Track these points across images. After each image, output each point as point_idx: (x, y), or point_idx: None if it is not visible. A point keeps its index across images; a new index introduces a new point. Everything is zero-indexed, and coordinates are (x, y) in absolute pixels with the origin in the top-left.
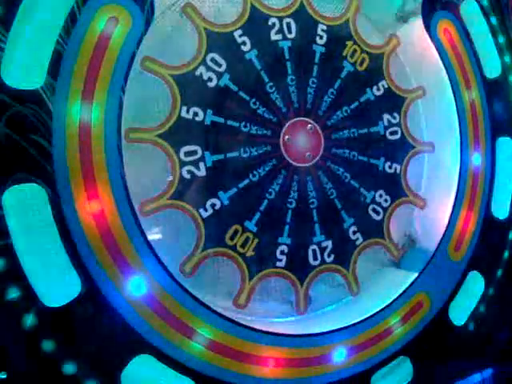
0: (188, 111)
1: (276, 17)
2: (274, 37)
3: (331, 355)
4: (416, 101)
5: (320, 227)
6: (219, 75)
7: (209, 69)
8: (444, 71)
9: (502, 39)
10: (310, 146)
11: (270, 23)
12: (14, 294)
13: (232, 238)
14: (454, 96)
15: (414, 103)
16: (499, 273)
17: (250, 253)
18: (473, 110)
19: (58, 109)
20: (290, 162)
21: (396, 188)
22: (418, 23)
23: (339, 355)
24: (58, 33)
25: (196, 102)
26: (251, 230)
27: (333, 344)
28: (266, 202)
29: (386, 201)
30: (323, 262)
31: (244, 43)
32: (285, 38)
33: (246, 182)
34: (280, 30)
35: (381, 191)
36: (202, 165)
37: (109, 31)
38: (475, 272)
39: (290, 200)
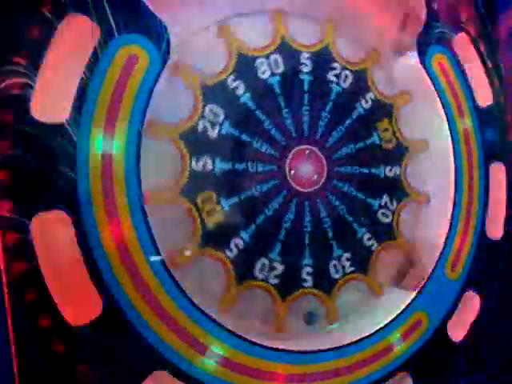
0: (197, 162)
1: (262, 56)
2: (263, 75)
3: (336, 371)
4: (406, 108)
5: (337, 242)
6: (220, 124)
7: (209, 120)
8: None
9: (492, 70)
10: (315, 170)
11: (257, 63)
12: (44, 319)
13: (261, 270)
14: (448, 124)
15: (404, 113)
16: (495, 291)
17: (279, 280)
18: (466, 136)
19: (81, 141)
20: (299, 189)
21: (399, 189)
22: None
23: (339, 372)
24: (82, 71)
25: (203, 152)
26: (276, 259)
27: (337, 360)
28: (284, 231)
29: (392, 203)
30: (345, 273)
31: (237, 87)
32: (273, 74)
33: (262, 217)
34: (268, 68)
35: (385, 196)
36: (219, 209)
37: (128, 69)
38: (472, 290)
39: (305, 224)
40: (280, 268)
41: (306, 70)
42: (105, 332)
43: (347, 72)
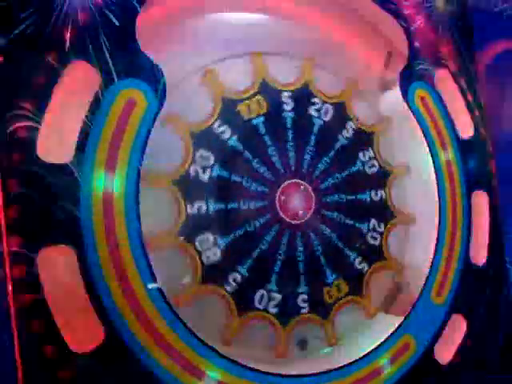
0: (193, 207)
1: (244, 99)
2: (247, 117)
3: None
4: (385, 133)
5: (330, 268)
6: (211, 168)
7: (200, 165)
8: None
9: (472, 103)
10: (304, 202)
11: (240, 107)
12: (49, 347)
13: (260, 301)
14: (432, 155)
15: (385, 140)
16: (480, 315)
17: (277, 309)
18: (449, 167)
19: (84, 180)
20: (290, 221)
21: (385, 212)
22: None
23: None
24: (85, 114)
25: (197, 197)
26: (273, 289)
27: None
28: (279, 262)
29: (379, 227)
30: (339, 297)
31: (224, 132)
32: (257, 115)
33: (257, 251)
34: (251, 110)
35: (373, 220)
36: (217, 249)
37: (127, 112)
38: (458, 314)
39: (298, 254)
40: (278, 298)
41: (287, 108)
42: (106, 358)
43: (327, 106)
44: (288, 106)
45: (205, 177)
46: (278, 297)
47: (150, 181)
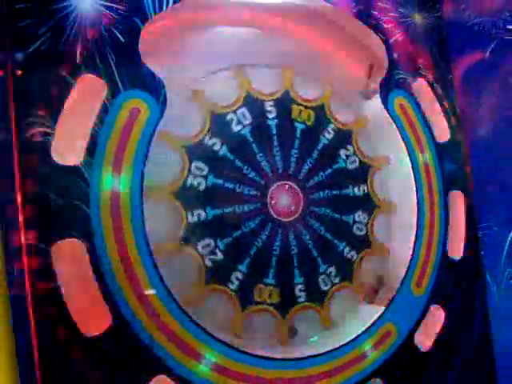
0: (193, 215)
1: (231, 112)
2: (235, 128)
3: (313, 377)
4: (363, 130)
5: (321, 258)
6: (205, 177)
7: (196, 176)
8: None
9: (448, 110)
10: (293, 201)
11: (227, 119)
12: (62, 331)
13: (260, 295)
14: (410, 158)
15: (361, 135)
16: (457, 305)
17: (276, 300)
18: (426, 169)
19: (94, 180)
20: (282, 220)
21: (369, 203)
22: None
23: (321, 377)
24: (94, 121)
25: (196, 205)
26: (271, 283)
27: (315, 367)
28: (274, 258)
29: (364, 218)
30: (333, 284)
31: (215, 144)
32: (243, 127)
33: (254, 249)
34: (238, 122)
35: (359, 211)
36: (217, 251)
37: (132, 119)
38: (436, 305)
39: (292, 248)
40: (276, 290)
41: (271, 116)
42: (113, 341)
43: (309, 110)
44: (271, 114)
45: (201, 186)
46: (276, 289)
47: (151, 195)
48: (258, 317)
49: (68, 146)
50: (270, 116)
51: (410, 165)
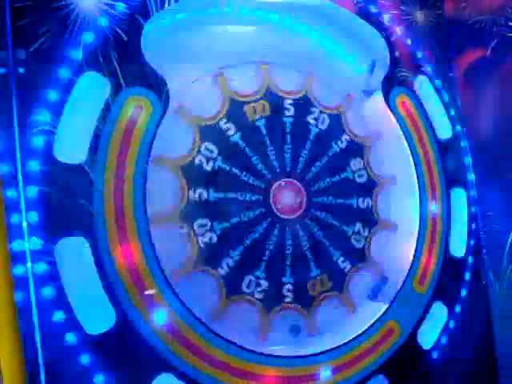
0: (194, 193)
1: (250, 102)
2: (251, 118)
3: (319, 373)
4: (375, 146)
5: (315, 264)
6: (214, 159)
7: (205, 156)
8: (402, 135)
9: (449, 107)
10: (295, 200)
11: (245, 108)
12: (59, 316)
13: (248, 286)
14: (412, 156)
15: (374, 150)
16: (459, 303)
17: (263, 295)
18: (428, 164)
19: (97, 178)
20: (281, 216)
21: (370, 218)
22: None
23: (326, 373)
24: (97, 119)
25: (199, 184)
26: (261, 276)
27: (320, 364)
28: (268, 252)
29: (364, 230)
30: (322, 291)
31: (229, 129)
32: (260, 117)
33: (249, 240)
34: (255, 112)
35: (358, 224)
36: (212, 233)
37: (135, 116)
38: (438, 302)
39: (287, 247)
40: (264, 284)
41: (288, 113)
42: (118, 340)
43: (324, 116)
44: (289, 112)
45: (208, 167)
46: (264, 283)
47: (161, 163)
48: (242, 307)
49: (71, 145)
50: (287, 113)
51: (412, 164)
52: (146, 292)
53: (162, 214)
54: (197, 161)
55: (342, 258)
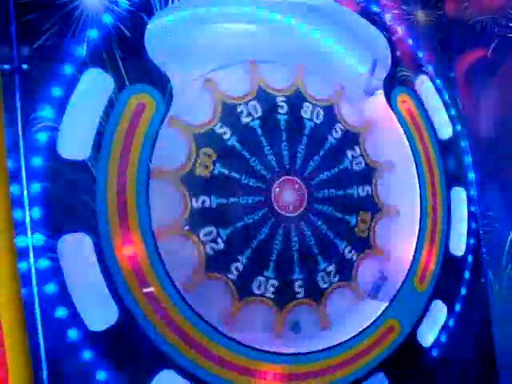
0: (197, 201)
1: (243, 103)
2: (245, 120)
3: (320, 370)
4: (369, 133)
5: (321, 256)
6: (213, 165)
7: (203, 163)
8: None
9: (450, 106)
10: (297, 197)
11: (239, 110)
12: (61, 312)
13: (259, 288)
14: (413, 154)
15: (371, 139)
16: (459, 301)
17: (275, 294)
18: (429, 165)
19: (100, 175)
20: (285, 214)
21: (371, 205)
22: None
23: (327, 371)
24: (100, 116)
25: (201, 192)
26: (271, 276)
27: (322, 361)
28: (275, 251)
29: (366, 218)
30: (331, 282)
31: (225, 133)
32: (254, 119)
33: (255, 241)
34: (249, 113)
35: (361, 212)
36: (219, 240)
37: (138, 113)
38: (438, 300)
39: (293, 244)
40: (275, 284)
41: (282, 111)
42: (120, 336)
43: (318, 109)
44: (282, 109)
45: (208, 174)
46: (275, 283)
47: (160, 176)
48: (255, 308)
49: (74, 141)
50: (281, 111)
51: (413, 163)
52: (145, 290)
53: (167, 226)
54: (196, 169)
55: (348, 248)
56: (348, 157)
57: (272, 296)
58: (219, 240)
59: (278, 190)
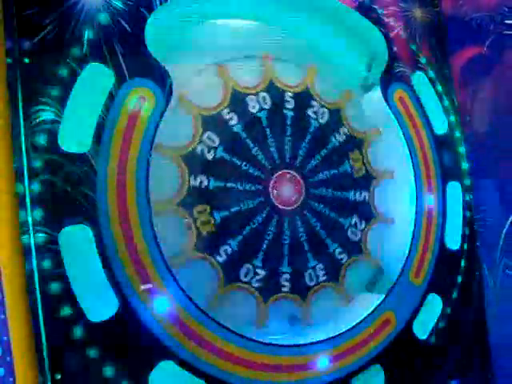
0: (195, 180)
1: (252, 93)
2: (252, 110)
3: (316, 362)
4: (374, 141)
5: (312, 254)
6: (215, 149)
7: (206, 145)
8: (399, 129)
9: (446, 103)
10: (294, 191)
11: (248, 99)
12: (66, 311)
13: (246, 275)
14: (409, 149)
15: (372, 145)
16: (454, 294)
17: (261, 284)
18: (424, 159)
19: (100, 167)
20: (280, 207)
21: (367, 211)
22: (377, 92)
23: (323, 363)
24: (100, 109)
25: (200, 172)
26: (259, 266)
27: (317, 353)
28: (266, 241)
29: (360, 223)
30: (318, 281)
31: (231, 119)
32: (261, 109)
33: (248, 229)
34: (257, 103)
35: (355, 217)
36: (212, 221)
37: (138, 108)
38: (434, 294)
39: (284, 237)
40: (262, 274)
41: (289, 106)
42: (120, 327)
43: (324, 110)
44: (289, 104)
45: (209, 156)
46: (262, 273)
47: (162, 153)
48: (240, 295)
49: (75, 134)
50: (288, 106)
51: (409, 159)
52: (142, 287)
53: (163, 200)
54: (198, 150)
55: (338, 250)
56: (349, 161)
57: (257, 285)
58: (212, 221)
59: (276, 182)
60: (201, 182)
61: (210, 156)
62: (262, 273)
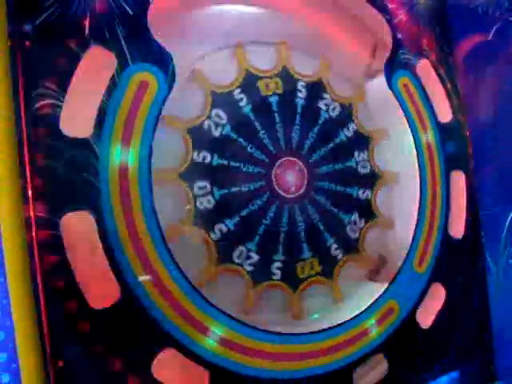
0: (199, 155)
1: (266, 77)
2: (264, 93)
3: (319, 351)
4: (381, 140)
5: (307, 246)
6: (222, 126)
7: (214, 122)
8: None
9: (453, 94)
10: (297, 180)
11: (260, 83)
12: (71, 303)
13: (239, 257)
14: (413, 137)
15: (378, 143)
16: (458, 283)
17: (252, 268)
18: (429, 148)
19: (102, 153)
20: (281, 193)
21: (368, 211)
22: (382, 79)
23: (326, 351)
24: (102, 94)
25: (205, 148)
26: (253, 249)
27: (321, 342)
28: (263, 226)
29: (360, 222)
30: (310, 275)
31: (241, 99)
32: (273, 94)
33: (246, 211)
34: (269, 88)
35: (356, 214)
36: (211, 198)
37: (141, 92)
38: (437, 283)
39: (282, 224)
40: (255, 258)
41: (301, 95)
42: (122, 314)
43: (336, 104)
44: (301, 93)
45: (216, 133)
46: (255, 257)
47: (168, 124)
48: (231, 277)
49: (77, 119)
50: (300, 95)
51: (413, 147)
52: (141, 278)
53: (164, 171)
54: (205, 125)
55: (335, 246)
56: (355, 157)
57: (249, 269)
58: (211, 198)
59: (280, 168)
60: (204, 158)
61: (216, 133)
62: (255, 257)
